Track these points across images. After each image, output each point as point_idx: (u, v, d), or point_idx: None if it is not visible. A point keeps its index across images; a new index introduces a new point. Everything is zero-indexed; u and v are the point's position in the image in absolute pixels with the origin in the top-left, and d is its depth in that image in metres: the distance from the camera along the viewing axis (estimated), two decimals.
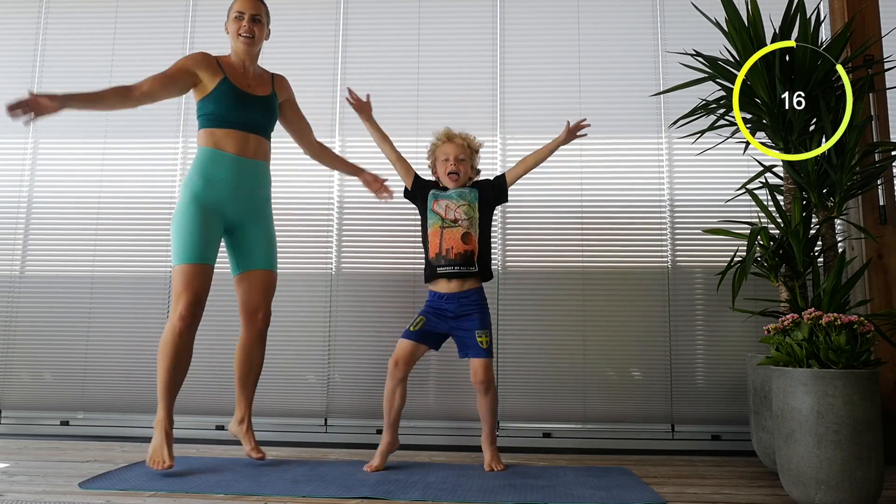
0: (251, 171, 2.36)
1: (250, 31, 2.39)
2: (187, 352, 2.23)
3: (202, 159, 2.31)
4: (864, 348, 1.86)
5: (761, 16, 2.37)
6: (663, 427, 2.82)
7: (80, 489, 1.97)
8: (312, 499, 1.91)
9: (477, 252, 2.35)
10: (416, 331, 2.35)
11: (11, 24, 3.22)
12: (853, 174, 2.31)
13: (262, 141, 2.40)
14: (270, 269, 2.43)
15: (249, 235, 2.39)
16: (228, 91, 2.32)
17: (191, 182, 2.29)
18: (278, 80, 2.53)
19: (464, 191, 2.41)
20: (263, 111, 2.40)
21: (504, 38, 3.08)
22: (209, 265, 2.26)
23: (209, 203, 2.27)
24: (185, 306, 2.18)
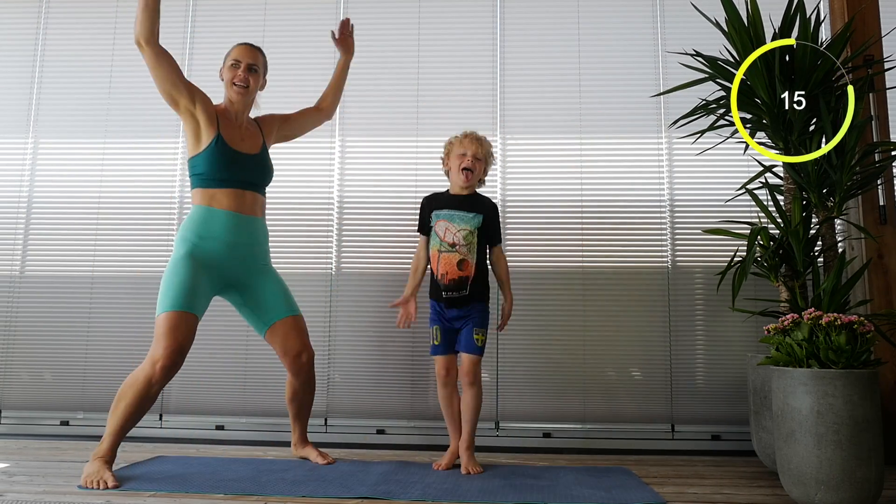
0: (247, 227, 2.30)
1: (245, 80, 2.33)
2: (153, 401, 2.11)
3: (196, 218, 2.24)
4: (864, 348, 1.86)
5: (761, 16, 2.37)
6: (663, 427, 2.82)
7: (80, 489, 1.97)
8: (312, 499, 1.91)
9: (472, 277, 2.34)
10: (441, 344, 2.37)
11: (11, 24, 3.22)
12: (853, 174, 2.31)
13: (258, 196, 2.36)
14: (296, 314, 2.37)
15: (260, 291, 2.34)
16: (221, 152, 2.26)
17: (185, 241, 2.22)
18: (262, 124, 2.47)
19: (466, 214, 2.37)
20: (257, 169, 2.35)
21: (504, 38, 3.08)
22: (195, 316, 2.15)
23: (203, 260, 2.21)
24: (166, 354, 2.06)
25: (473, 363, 2.32)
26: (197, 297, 2.17)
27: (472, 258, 2.34)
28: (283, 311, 2.35)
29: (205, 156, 2.26)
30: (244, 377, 2.93)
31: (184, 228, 2.25)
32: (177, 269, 2.17)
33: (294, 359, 2.35)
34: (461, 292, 2.33)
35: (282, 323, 2.34)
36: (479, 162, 2.40)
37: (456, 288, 2.33)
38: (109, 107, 3.13)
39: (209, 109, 2.30)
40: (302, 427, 2.49)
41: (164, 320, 2.11)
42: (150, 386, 2.07)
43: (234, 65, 2.34)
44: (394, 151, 3.03)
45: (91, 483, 1.98)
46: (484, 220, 2.38)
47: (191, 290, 2.15)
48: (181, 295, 2.13)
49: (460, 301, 2.34)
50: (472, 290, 2.34)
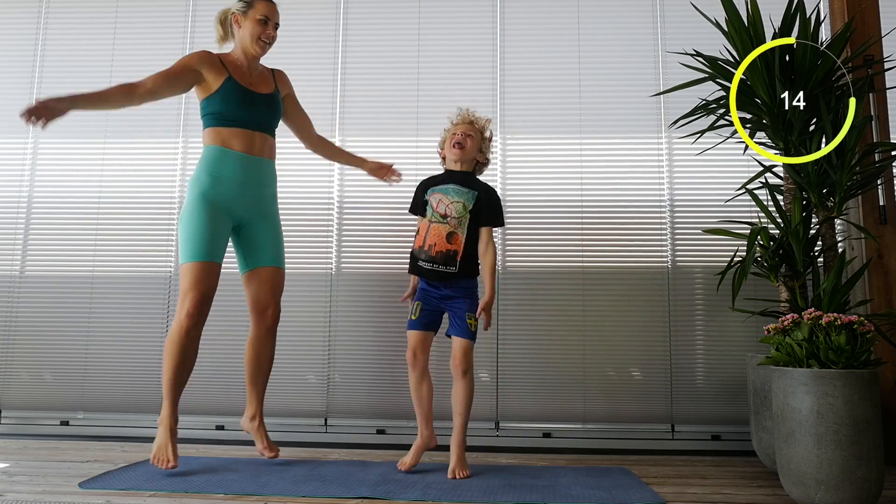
0: (258, 169, 2.36)
1: (272, 38, 2.42)
2: (193, 349, 2.24)
3: (209, 157, 2.31)
4: (864, 348, 1.86)
5: (761, 16, 2.37)
6: (663, 427, 2.82)
7: (80, 489, 1.97)
8: (312, 499, 1.91)
9: (461, 253, 2.28)
10: (418, 318, 2.33)
11: (11, 24, 3.22)
12: (853, 174, 2.31)
13: (268, 138, 2.41)
14: (279, 265, 2.44)
15: (257, 233, 2.40)
16: (233, 90, 2.32)
17: (198, 180, 2.29)
18: (279, 75, 2.54)
19: (461, 189, 2.34)
20: (268, 109, 2.41)
21: (504, 38, 3.08)
22: (217, 263, 2.26)
23: (217, 201, 2.28)
24: (192, 304, 2.18)
25: (465, 350, 2.24)
26: (217, 244, 2.26)
27: (462, 233, 2.29)
28: (268, 259, 2.41)
29: (218, 95, 2.31)
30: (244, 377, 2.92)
31: (197, 169, 2.32)
32: (194, 214, 2.24)
33: (260, 311, 2.41)
34: (448, 267, 2.27)
35: (262, 270, 2.40)
36: (469, 138, 2.37)
37: (443, 261, 2.26)
38: None
39: (213, 62, 2.34)
40: (257, 398, 2.46)
41: (188, 271, 2.21)
42: (185, 334, 2.19)
43: (263, 21, 2.38)
44: (394, 151, 3.03)
45: (159, 462, 2.15)
46: (478, 197, 2.33)
47: (210, 237, 2.23)
48: (202, 244, 2.22)
49: (446, 276, 2.27)
50: (460, 268, 2.28)
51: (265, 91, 2.41)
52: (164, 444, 2.18)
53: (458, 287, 2.30)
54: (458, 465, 2.20)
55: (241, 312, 2.52)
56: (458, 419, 2.25)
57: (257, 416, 2.45)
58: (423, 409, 2.33)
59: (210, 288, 2.23)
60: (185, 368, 2.23)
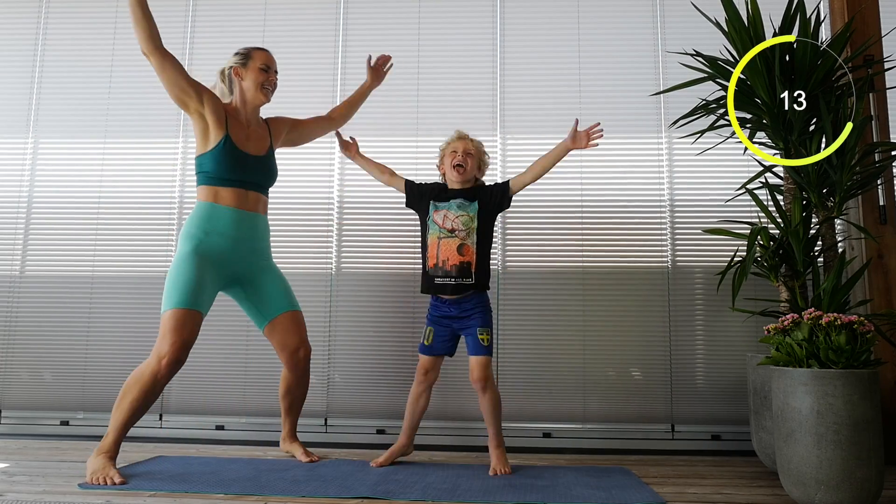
0: (250, 224, 2.34)
1: (275, 83, 2.44)
2: (157, 396, 2.14)
3: (201, 214, 2.29)
4: (864, 348, 1.86)
5: (761, 16, 2.37)
6: (663, 427, 2.82)
7: (80, 489, 1.97)
8: (312, 499, 1.91)
9: (475, 263, 2.32)
10: (430, 344, 2.37)
11: (11, 24, 3.22)
12: (853, 174, 2.31)
13: (261, 196, 2.40)
14: (295, 309, 2.42)
15: (262, 286, 2.38)
16: (228, 153, 2.30)
17: (190, 236, 2.26)
18: (272, 125, 2.51)
19: (464, 202, 2.38)
20: (262, 172, 2.39)
21: (504, 38, 3.08)
22: (200, 313, 2.19)
23: (208, 255, 2.25)
24: (172, 350, 2.09)
25: (483, 366, 2.28)
26: (202, 295, 2.20)
27: (472, 242, 2.33)
28: (283, 307, 2.39)
29: (212, 155, 2.29)
30: (244, 377, 2.93)
31: (188, 224, 2.28)
32: (182, 265, 2.20)
33: (292, 354, 2.39)
34: (465, 279, 2.30)
35: (281, 318, 2.38)
36: (469, 156, 2.40)
37: (459, 274, 2.30)
38: (109, 107, 3.13)
39: (218, 109, 2.33)
40: (292, 422, 2.52)
41: (169, 317, 2.13)
42: (155, 381, 2.10)
43: (265, 69, 2.41)
44: (394, 151, 3.03)
45: (97, 480, 2.01)
46: (480, 203, 2.38)
47: (196, 287, 2.18)
48: (187, 292, 2.16)
49: (465, 289, 2.31)
50: (476, 278, 2.32)
51: (260, 153, 2.39)
52: (104, 467, 2.06)
53: (472, 302, 2.34)
54: (498, 462, 2.28)
55: (240, 312, 2.51)
56: (491, 429, 2.32)
57: (292, 434, 2.52)
58: (413, 420, 2.41)
59: (191, 336, 2.14)
60: (144, 411, 2.14)
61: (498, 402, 2.33)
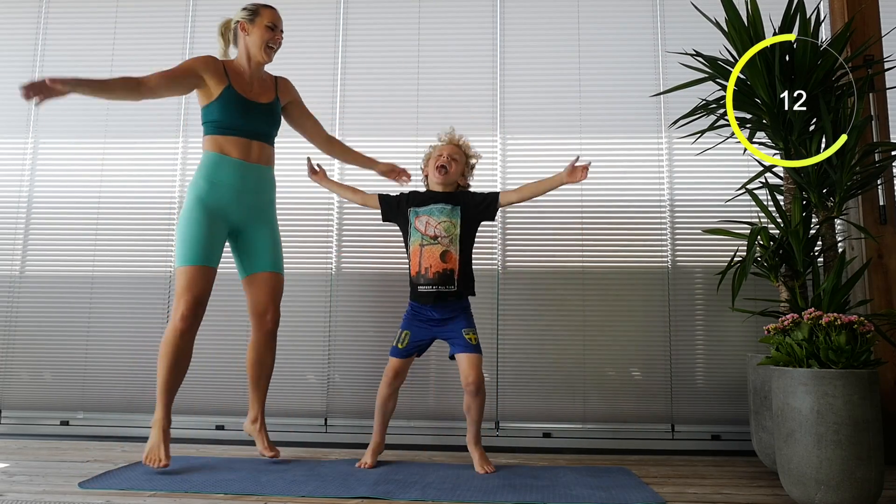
0: (255, 176, 2.39)
1: (280, 42, 2.45)
2: (187, 352, 2.25)
3: (207, 164, 2.34)
4: (864, 348, 1.86)
5: (761, 16, 2.37)
6: (663, 427, 2.82)
7: (80, 489, 1.97)
8: (312, 499, 1.91)
9: (458, 270, 2.30)
10: (404, 347, 2.34)
11: (11, 24, 3.22)
12: (853, 174, 2.31)
13: (266, 147, 2.43)
14: (277, 271, 2.45)
15: (255, 238, 2.41)
16: (232, 99, 2.34)
17: (196, 186, 2.32)
18: (281, 83, 2.55)
19: (445, 207, 2.36)
20: (267, 119, 2.42)
21: (504, 38, 3.08)
22: (212, 268, 2.28)
23: (214, 206, 2.30)
24: (186, 307, 2.20)
25: (476, 365, 2.25)
26: (212, 248, 2.28)
27: (455, 249, 2.32)
28: (266, 265, 2.42)
29: (216, 103, 2.33)
30: (244, 377, 2.91)
31: (196, 174, 2.34)
32: (191, 219, 2.26)
33: (259, 316, 2.42)
34: (448, 287, 2.29)
35: (261, 276, 2.41)
36: (454, 161, 2.39)
37: (441, 281, 2.29)
38: (109, 107, 3.12)
39: (217, 69, 2.36)
40: (260, 401, 2.48)
41: (183, 275, 2.23)
42: (177, 337, 2.20)
43: (272, 28, 2.42)
44: (394, 151, 3.03)
45: (151, 461, 2.16)
46: (463, 209, 2.36)
47: (206, 241, 2.25)
48: (197, 248, 2.24)
49: (447, 296, 2.29)
50: (459, 285, 2.30)
51: (264, 101, 2.42)
52: (157, 444, 2.20)
53: (454, 308, 2.32)
54: (482, 460, 2.29)
55: (240, 313, 2.52)
56: (473, 427, 2.32)
57: (259, 418, 2.47)
58: (385, 421, 2.41)
59: (204, 291, 2.25)
60: (180, 371, 2.25)
61: (483, 406, 2.31)
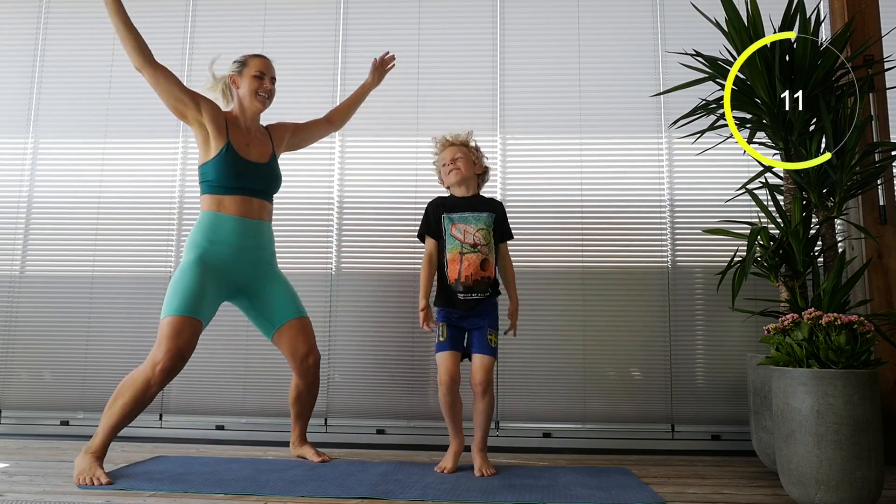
0: (255, 232, 2.34)
1: (271, 92, 2.42)
2: (150, 402, 2.12)
3: (206, 223, 2.28)
4: (864, 348, 1.86)
5: (761, 16, 2.37)
6: (663, 427, 2.82)
7: (80, 489, 1.97)
8: (312, 499, 1.91)
9: (493, 277, 2.34)
10: (447, 339, 2.32)
11: (11, 24, 3.22)
12: (853, 174, 2.31)
13: (265, 203, 2.40)
14: (302, 315, 2.40)
15: (268, 294, 2.37)
16: (231, 160, 2.29)
17: (196, 246, 2.26)
18: (274, 133, 2.50)
19: (481, 214, 2.36)
20: (265, 179, 2.39)
21: (504, 38, 3.08)
22: (200, 322, 2.16)
23: (213, 265, 2.24)
24: (168, 359, 2.07)
25: (487, 368, 2.26)
26: (203, 304, 2.18)
27: (492, 258, 2.35)
28: (290, 314, 2.37)
29: (214, 163, 2.29)
30: (244, 377, 2.93)
31: (193, 234, 2.29)
32: (186, 273, 2.19)
33: (301, 361, 2.37)
34: (485, 293, 2.31)
35: (289, 325, 2.36)
36: (459, 160, 2.39)
37: (480, 289, 2.30)
38: (109, 107, 3.13)
39: (217, 117, 2.33)
40: (302, 427, 2.50)
41: (167, 324, 2.12)
42: (147, 388, 2.08)
43: (259, 76, 2.39)
44: (394, 151, 3.03)
45: (84, 480, 2.00)
46: (496, 218, 2.39)
47: (198, 295, 2.16)
48: (187, 300, 2.14)
49: (476, 303, 2.31)
50: (493, 291, 2.34)
51: (262, 160, 2.38)
52: (91, 467, 2.05)
53: (482, 308, 2.33)
54: (483, 464, 2.25)
55: (240, 314, 2.51)
56: (480, 432, 2.30)
57: (301, 438, 2.49)
58: (457, 421, 2.34)
59: (188, 345, 2.11)
60: (134, 417, 2.12)
61: (493, 406, 2.31)
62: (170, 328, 2.10)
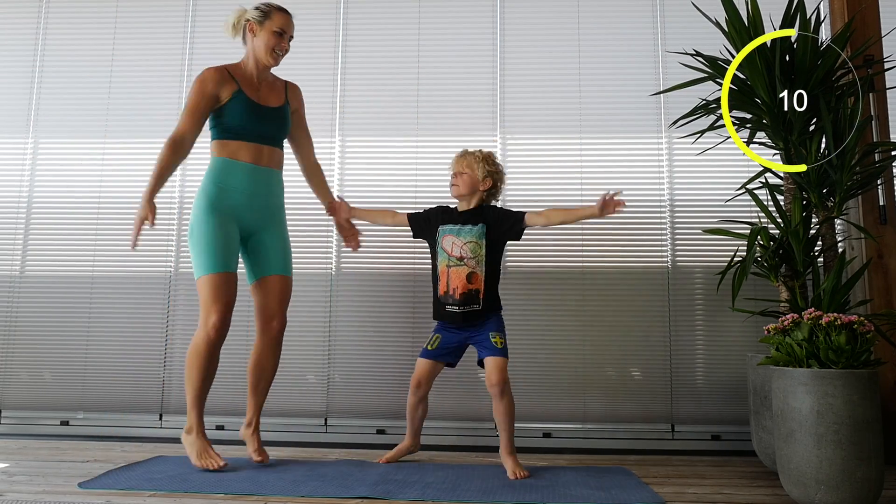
0: (265, 179, 2.36)
1: (286, 49, 2.42)
2: (217, 360, 2.26)
3: (217, 169, 2.31)
4: (864, 348, 1.86)
5: (761, 16, 2.37)
6: (663, 427, 2.82)
7: (80, 489, 1.97)
8: (312, 499, 1.91)
9: (483, 291, 2.31)
10: (434, 350, 2.36)
11: (11, 24, 3.22)
12: (853, 174, 2.31)
13: (276, 150, 2.41)
14: (286, 274, 2.42)
15: (265, 242, 2.39)
16: (242, 104, 2.31)
17: (206, 191, 2.28)
18: (291, 88, 2.52)
19: (473, 227, 2.34)
20: (276, 123, 2.40)
21: (504, 38, 3.08)
22: (233, 273, 2.26)
23: (225, 211, 2.27)
24: (219, 317, 2.20)
25: (500, 368, 2.26)
26: (231, 254, 2.26)
27: (481, 271, 2.31)
28: (277, 268, 2.39)
29: (226, 108, 2.31)
30: (244, 377, 2.91)
31: (204, 180, 2.31)
32: (204, 226, 2.24)
33: (266, 321, 2.39)
34: (472, 306, 2.30)
35: (271, 279, 2.38)
36: (459, 176, 2.37)
37: (466, 302, 2.30)
38: (109, 107, 3.13)
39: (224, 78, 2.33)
40: (257, 406, 2.44)
41: (206, 284, 2.21)
42: (210, 347, 2.20)
43: (280, 34, 2.38)
44: (394, 151, 3.03)
45: (206, 465, 2.17)
46: (488, 227, 2.34)
47: (224, 247, 2.23)
48: (216, 255, 2.21)
49: (473, 316, 2.31)
50: (484, 304, 2.31)
51: (274, 104, 2.40)
52: (203, 449, 2.21)
53: (481, 323, 2.33)
54: (515, 467, 2.23)
55: (240, 312, 2.51)
56: (505, 434, 2.29)
57: (253, 422, 2.43)
58: (415, 425, 2.45)
59: (232, 299, 2.24)
60: (211, 378, 2.26)
61: (513, 407, 2.29)
62: (210, 288, 2.20)
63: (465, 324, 2.32)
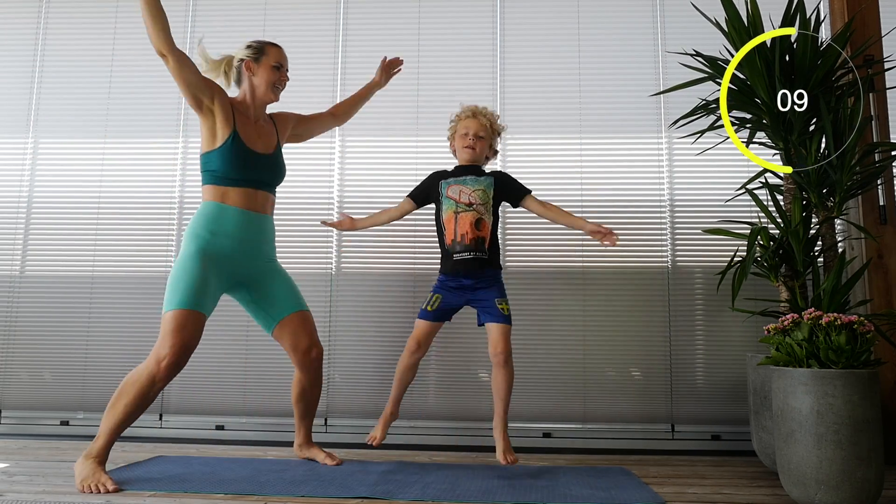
0: (258, 225, 2.29)
1: (285, 84, 2.40)
2: (152, 400, 2.07)
3: (208, 214, 2.21)
4: (864, 348, 1.86)
5: (761, 16, 2.37)
6: (663, 427, 2.82)
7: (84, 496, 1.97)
8: (312, 499, 1.91)
9: (488, 240, 2.33)
10: (434, 310, 2.35)
11: (11, 24, 3.22)
12: (853, 174, 2.31)
13: (269, 195, 2.35)
14: (303, 309, 2.35)
15: (269, 286, 2.32)
16: (236, 150, 2.23)
17: (196, 237, 2.19)
18: (278, 122, 2.46)
19: (479, 178, 2.38)
20: (270, 171, 2.34)
21: (504, 38, 3.08)
22: (203, 315, 2.11)
23: (215, 257, 2.18)
24: (174, 354, 2.01)
25: (504, 335, 2.27)
26: (206, 296, 2.13)
27: (488, 219, 2.34)
28: (291, 307, 2.33)
29: (219, 153, 2.23)
30: (244, 377, 2.93)
31: (194, 224, 2.22)
32: (187, 265, 2.13)
33: (304, 354, 2.33)
34: (479, 253, 2.30)
35: (290, 318, 2.32)
36: (481, 140, 2.40)
37: (474, 248, 2.30)
38: (109, 107, 3.13)
39: (226, 104, 2.28)
40: (307, 427, 2.46)
41: (171, 318, 2.06)
42: (152, 384, 2.03)
43: (278, 67, 2.36)
44: (394, 151, 3.03)
45: (88, 487, 1.94)
46: (496, 182, 2.39)
47: (200, 288, 2.11)
48: (190, 293, 2.08)
49: (476, 264, 2.31)
50: (490, 255, 2.33)
51: (268, 151, 2.33)
52: (94, 472, 1.98)
53: (485, 277, 2.34)
54: (505, 449, 2.24)
55: (240, 312, 2.51)
56: (500, 405, 2.28)
57: (307, 439, 2.46)
58: (401, 390, 2.42)
59: (193, 339, 2.06)
60: (137, 416, 2.07)
61: (512, 378, 2.29)
62: (174, 322, 2.04)
63: (470, 275, 2.31)
